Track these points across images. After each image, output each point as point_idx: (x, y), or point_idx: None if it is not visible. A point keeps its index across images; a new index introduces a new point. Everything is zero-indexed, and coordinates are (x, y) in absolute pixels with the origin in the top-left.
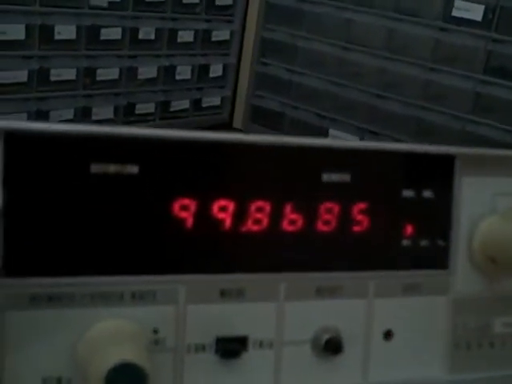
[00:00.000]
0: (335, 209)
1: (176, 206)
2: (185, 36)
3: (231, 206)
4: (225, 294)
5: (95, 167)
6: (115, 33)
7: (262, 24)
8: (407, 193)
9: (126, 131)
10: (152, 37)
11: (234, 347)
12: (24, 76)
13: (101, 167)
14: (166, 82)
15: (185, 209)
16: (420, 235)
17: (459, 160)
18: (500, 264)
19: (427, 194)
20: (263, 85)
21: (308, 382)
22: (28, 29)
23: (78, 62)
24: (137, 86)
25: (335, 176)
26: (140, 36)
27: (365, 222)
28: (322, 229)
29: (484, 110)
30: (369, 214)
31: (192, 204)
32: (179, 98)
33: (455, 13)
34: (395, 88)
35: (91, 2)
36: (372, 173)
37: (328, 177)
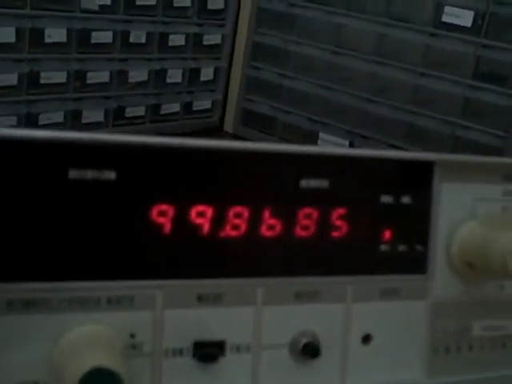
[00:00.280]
0: (314, 214)
1: (154, 212)
2: (176, 40)
3: (209, 212)
4: (202, 299)
5: (73, 173)
6: (106, 36)
7: (254, 28)
8: (386, 198)
9: (103, 137)
10: (143, 40)
11: (212, 351)
12: (14, 79)
13: (79, 173)
14: (157, 86)
15: (163, 214)
16: (398, 240)
17: (438, 166)
18: (478, 269)
19: (406, 200)
20: (254, 89)
21: None
22: (18, 32)
23: (69, 65)
24: (127, 90)
25: (314, 182)
26: (131, 39)
27: (343, 228)
28: (301, 234)
29: (473, 115)
30: (347, 220)
31: (170, 209)
32: (170, 102)
33: (445, 18)
34: (386, 92)
35: (82, 6)
36: (351, 179)
37: (306, 183)
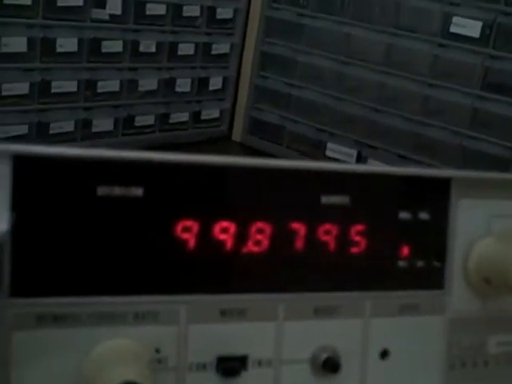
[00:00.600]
0: (334, 230)
1: (179, 228)
2: (185, 49)
3: (232, 228)
4: (225, 314)
5: (101, 190)
6: (116, 46)
7: (262, 38)
8: (404, 215)
9: (131, 155)
10: (153, 50)
11: (235, 366)
12: (25, 88)
13: (107, 190)
14: (166, 95)
15: (187, 230)
16: (416, 256)
17: (455, 183)
18: (494, 285)
19: (423, 216)
20: (262, 98)
21: None
22: (30, 41)
23: (79, 75)
24: (137, 99)
25: (334, 198)
26: (141, 49)
27: (362, 244)
28: (321, 250)
29: (482, 126)
30: (366, 236)
31: (194, 225)
32: (179, 111)
33: (453, 29)
34: (394, 103)
35: (93, 16)
36: (370, 195)
37: (327, 199)
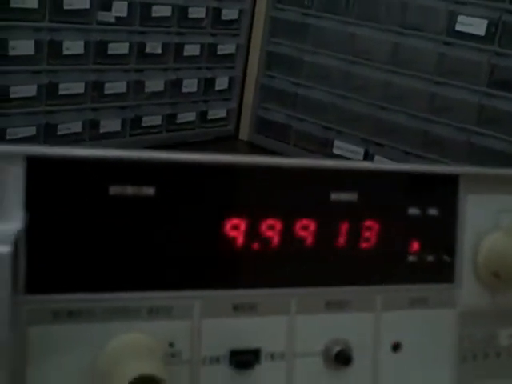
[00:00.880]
0: (344, 226)
1: (190, 226)
2: (191, 50)
3: (243, 225)
4: (238, 309)
5: (113, 189)
6: (122, 47)
7: (267, 38)
8: (413, 210)
9: (143, 154)
10: (159, 51)
11: (248, 359)
12: (33, 90)
13: (119, 189)
14: (173, 95)
15: (199, 227)
16: (426, 251)
17: (463, 179)
18: (503, 278)
19: (432, 212)
20: (269, 97)
21: None
22: (37, 44)
23: (86, 77)
24: (144, 99)
25: (343, 195)
26: (147, 50)
27: (372, 239)
28: (331, 246)
29: (488, 122)
30: (376, 232)
31: (206, 223)
32: (186, 111)
33: (459, 27)
34: (401, 100)
35: (99, 18)
36: (379, 192)
37: (336, 196)
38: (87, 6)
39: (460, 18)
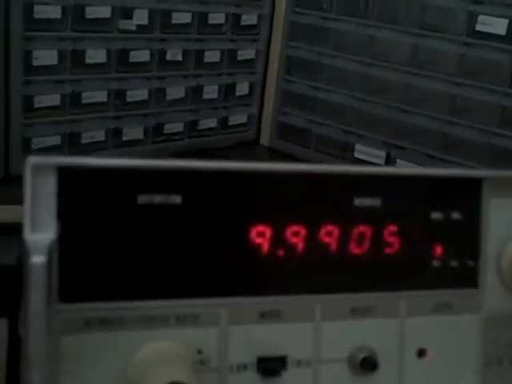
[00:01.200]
0: (367, 232)
1: (216, 234)
2: (211, 56)
3: (268, 232)
4: (264, 316)
5: (142, 198)
6: (144, 55)
7: (287, 42)
8: (436, 215)
9: (170, 163)
10: (179, 58)
11: (275, 366)
12: (57, 100)
13: (147, 198)
14: (194, 102)
15: (224, 236)
16: (449, 255)
17: (486, 182)
18: None
19: (455, 216)
20: (289, 102)
21: None
22: (60, 54)
23: (109, 85)
24: (165, 107)
25: (367, 200)
26: (168, 58)
27: (396, 244)
28: (355, 251)
29: (510, 123)
30: (399, 237)
31: (230, 231)
32: (207, 117)
33: (479, 27)
34: (421, 103)
35: (120, 27)
36: (402, 197)
37: (360, 201)
38: (108, 15)
39: (480, 18)
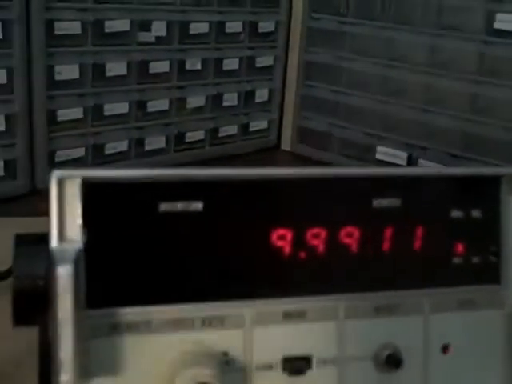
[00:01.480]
0: (388, 232)
1: (239, 238)
2: (230, 64)
3: (289, 234)
4: (288, 316)
5: (163, 206)
6: (163, 66)
7: (305, 48)
8: (456, 213)
9: (190, 172)
10: (198, 67)
11: (300, 365)
12: (80, 113)
13: (169, 206)
14: (214, 110)
15: (246, 240)
16: (471, 253)
17: (506, 179)
18: None
19: (476, 214)
20: (309, 106)
21: None
22: (81, 68)
23: (130, 96)
24: (186, 116)
25: (386, 201)
26: (187, 67)
27: (417, 243)
28: (376, 251)
29: None
30: (420, 235)
31: (252, 235)
32: (227, 124)
33: (497, 25)
34: (442, 103)
35: (139, 39)
36: (421, 196)
37: (378, 202)
38: (127, 28)
39: (499, 16)
